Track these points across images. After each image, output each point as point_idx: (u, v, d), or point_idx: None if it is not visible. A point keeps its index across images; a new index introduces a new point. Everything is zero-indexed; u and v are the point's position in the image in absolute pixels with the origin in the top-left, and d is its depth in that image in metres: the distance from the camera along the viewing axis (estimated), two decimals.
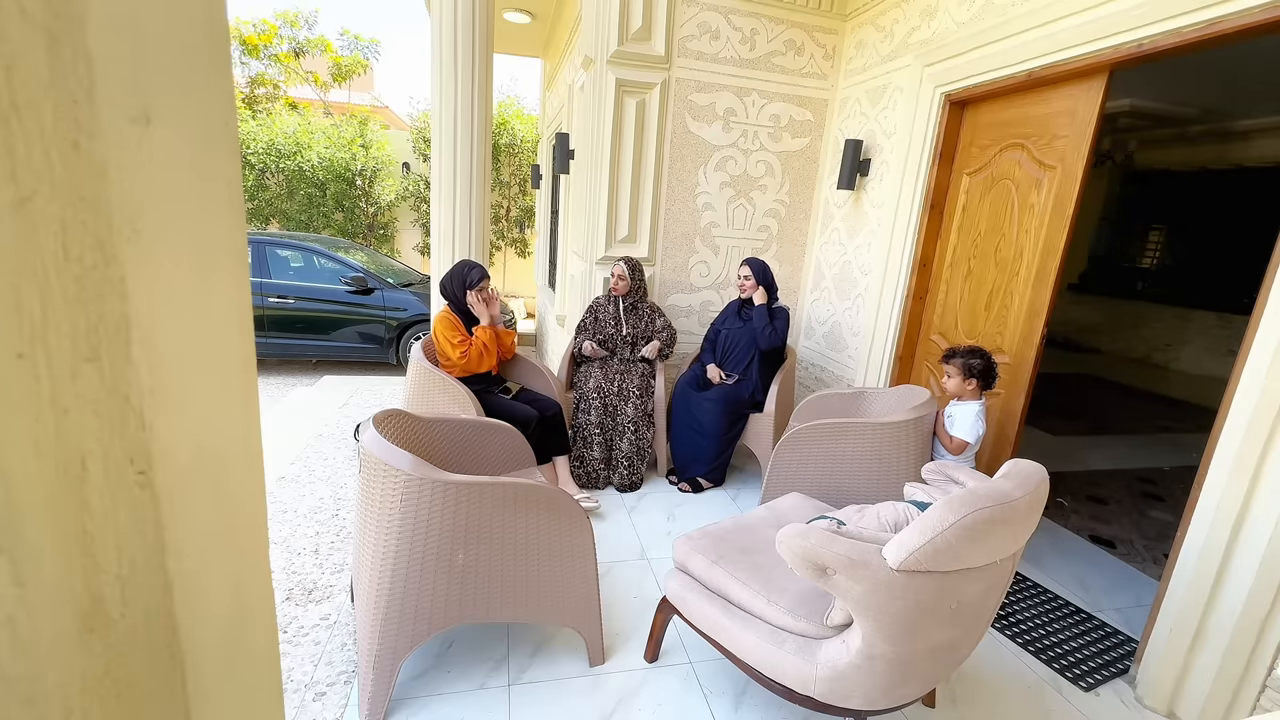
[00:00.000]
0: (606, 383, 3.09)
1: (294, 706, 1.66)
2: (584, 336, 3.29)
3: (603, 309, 3.31)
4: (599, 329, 3.30)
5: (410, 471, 1.48)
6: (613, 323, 3.28)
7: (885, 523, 1.59)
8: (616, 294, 3.26)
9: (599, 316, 3.31)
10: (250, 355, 0.40)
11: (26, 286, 0.27)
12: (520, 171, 9.42)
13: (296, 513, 2.70)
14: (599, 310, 3.32)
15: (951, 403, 2.31)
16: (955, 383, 2.25)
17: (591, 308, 3.35)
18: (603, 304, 3.33)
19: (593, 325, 3.31)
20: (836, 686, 1.37)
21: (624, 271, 3.20)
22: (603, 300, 3.34)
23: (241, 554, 0.42)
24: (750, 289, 3.13)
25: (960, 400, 2.28)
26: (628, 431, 3.07)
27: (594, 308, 3.34)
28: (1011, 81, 2.44)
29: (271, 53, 10.11)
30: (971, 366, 2.22)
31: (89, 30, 0.28)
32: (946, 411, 2.33)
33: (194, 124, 0.34)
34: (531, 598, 1.70)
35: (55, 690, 0.31)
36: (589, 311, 3.35)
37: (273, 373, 5.42)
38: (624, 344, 3.27)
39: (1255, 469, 1.63)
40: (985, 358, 2.23)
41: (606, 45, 3.18)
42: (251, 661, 0.44)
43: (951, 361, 2.27)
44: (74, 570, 0.31)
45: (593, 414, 3.04)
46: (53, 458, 0.29)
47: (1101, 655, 2.09)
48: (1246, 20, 1.68)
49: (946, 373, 2.29)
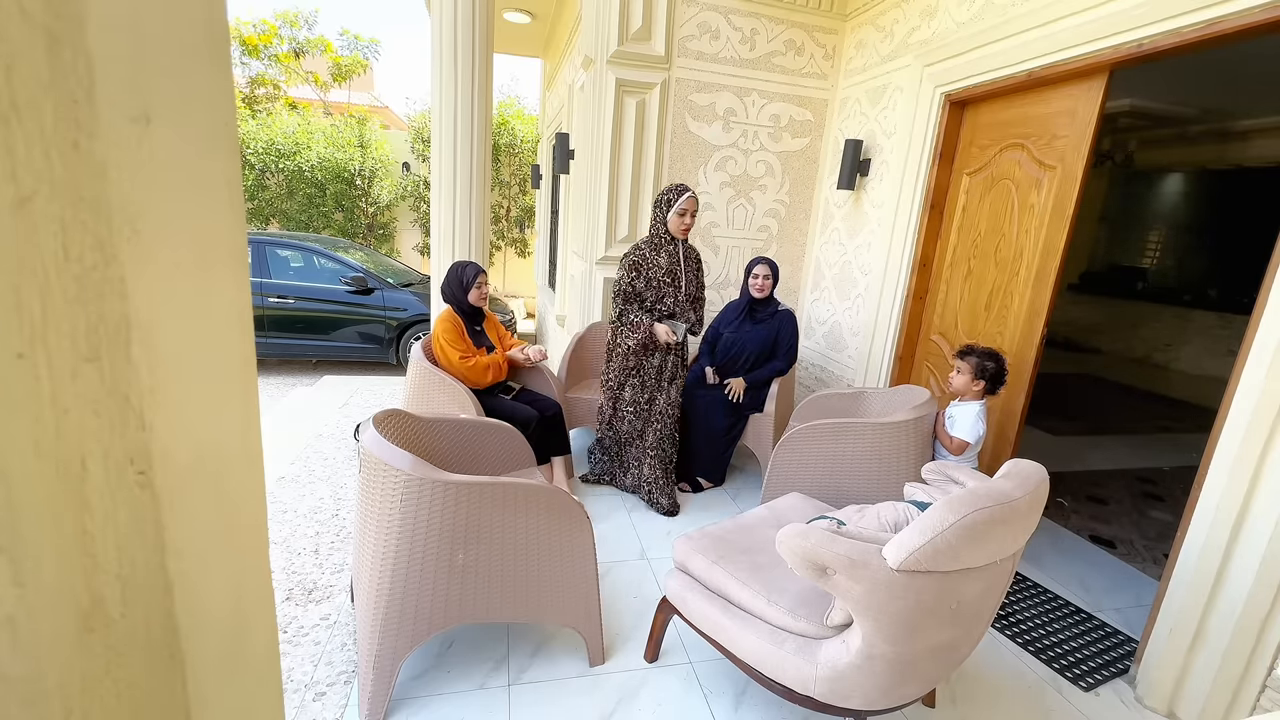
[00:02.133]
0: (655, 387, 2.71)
1: (294, 706, 1.66)
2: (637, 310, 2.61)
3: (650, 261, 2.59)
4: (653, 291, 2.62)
5: (410, 471, 1.48)
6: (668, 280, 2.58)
7: (885, 523, 1.59)
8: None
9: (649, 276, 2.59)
10: (250, 355, 0.40)
11: (26, 286, 0.27)
12: (520, 171, 9.42)
13: (296, 513, 2.70)
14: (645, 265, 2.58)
15: (953, 403, 2.30)
16: (963, 380, 2.22)
17: (635, 263, 2.60)
18: (648, 256, 2.62)
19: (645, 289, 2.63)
20: (836, 686, 1.37)
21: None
22: (647, 250, 2.63)
23: (241, 554, 0.42)
24: (768, 288, 3.09)
25: (962, 400, 2.27)
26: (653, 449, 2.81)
27: (638, 263, 2.60)
28: (1011, 81, 2.44)
29: (271, 53, 10.10)
30: (985, 368, 2.19)
31: (89, 30, 0.28)
32: (947, 412, 2.31)
33: (194, 124, 0.34)
34: (531, 598, 1.70)
35: (55, 690, 0.31)
36: (632, 269, 2.61)
37: (273, 373, 5.42)
38: (685, 309, 2.73)
39: (1255, 469, 1.63)
40: (1000, 362, 2.20)
41: (606, 45, 3.18)
42: (251, 661, 0.44)
43: (966, 358, 2.23)
44: (74, 570, 0.31)
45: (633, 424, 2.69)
46: (53, 458, 0.29)
47: (1101, 655, 2.09)
48: (1246, 20, 1.68)
49: (956, 368, 2.25)
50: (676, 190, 2.62)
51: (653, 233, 2.68)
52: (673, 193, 2.62)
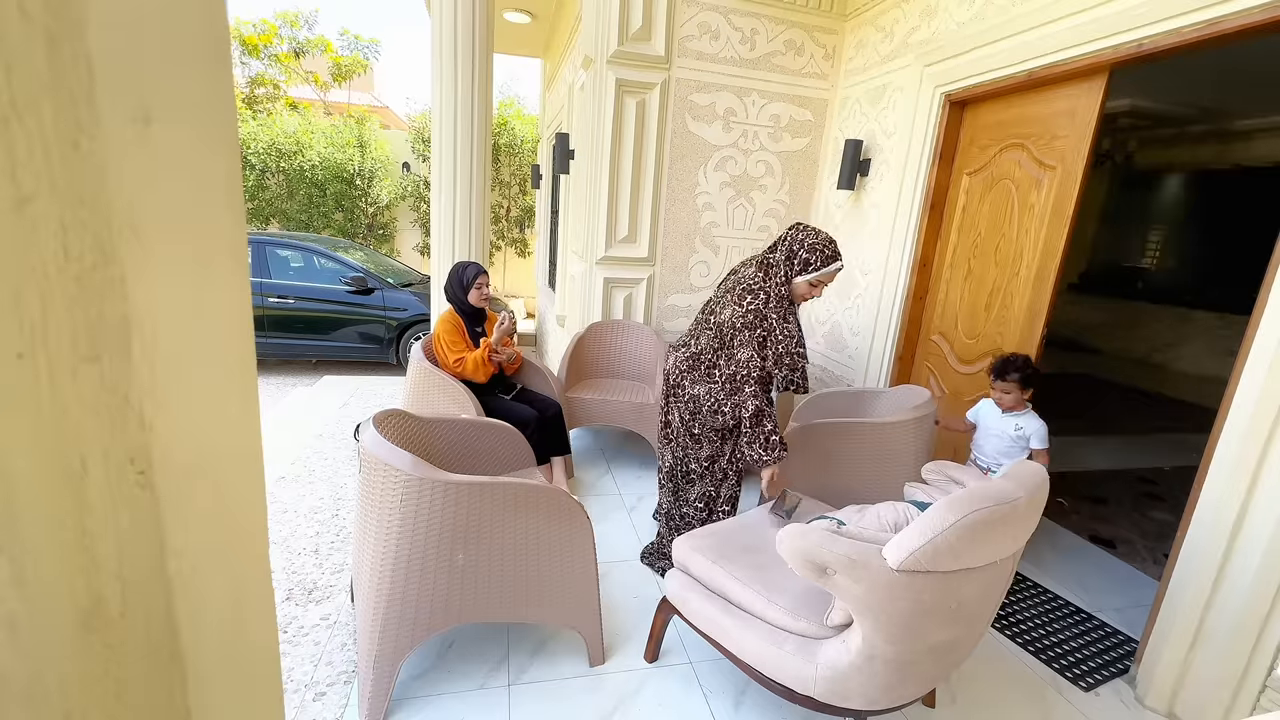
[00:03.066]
0: None
1: (294, 706, 1.66)
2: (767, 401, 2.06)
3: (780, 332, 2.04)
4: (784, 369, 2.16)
5: (410, 471, 1.48)
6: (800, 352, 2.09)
7: (885, 523, 1.59)
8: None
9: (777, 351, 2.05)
10: (250, 355, 0.40)
11: (26, 286, 0.27)
12: (520, 171, 9.42)
13: (296, 513, 2.70)
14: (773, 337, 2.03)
15: (1006, 417, 2.26)
16: (1014, 397, 2.20)
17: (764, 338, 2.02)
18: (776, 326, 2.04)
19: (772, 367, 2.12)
20: (836, 686, 1.37)
21: None
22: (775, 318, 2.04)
23: (241, 554, 0.42)
24: None
25: (1016, 411, 2.24)
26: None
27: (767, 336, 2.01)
28: (1011, 81, 2.44)
29: (271, 53, 10.10)
30: (1029, 377, 2.18)
31: (89, 30, 0.28)
32: (1014, 426, 2.24)
33: (194, 124, 0.34)
34: (531, 598, 1.70)
35: (55, 690, 0.31)
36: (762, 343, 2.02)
37: (273, 373, 5.42)
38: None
39: (1255, 469, 1.62)
40: (1026, 361, 2.20)
41: (606, 45, 3.18)
42: (251, 661, 0.44)
43: (1008, 378, 2.19)
44: (74, 570, 0.31)
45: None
46: (53, 458, 0.29)
47: (1101, 655, 2.09)
48: (1246, 20, 1.68)
49: (1001, 389, 2.21)
50: (831, 253, 2.03)
51: (774, 292, 2.01)
52: (826, 255, 2.02)
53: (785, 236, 2.09)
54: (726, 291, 2.13)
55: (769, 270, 2.06)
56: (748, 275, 2.09)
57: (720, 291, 2.18)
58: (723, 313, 2.08)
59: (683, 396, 2.18)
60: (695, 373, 2.14)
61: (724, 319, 2.06)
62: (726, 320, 2.05)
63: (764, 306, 2.01)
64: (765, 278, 2.05)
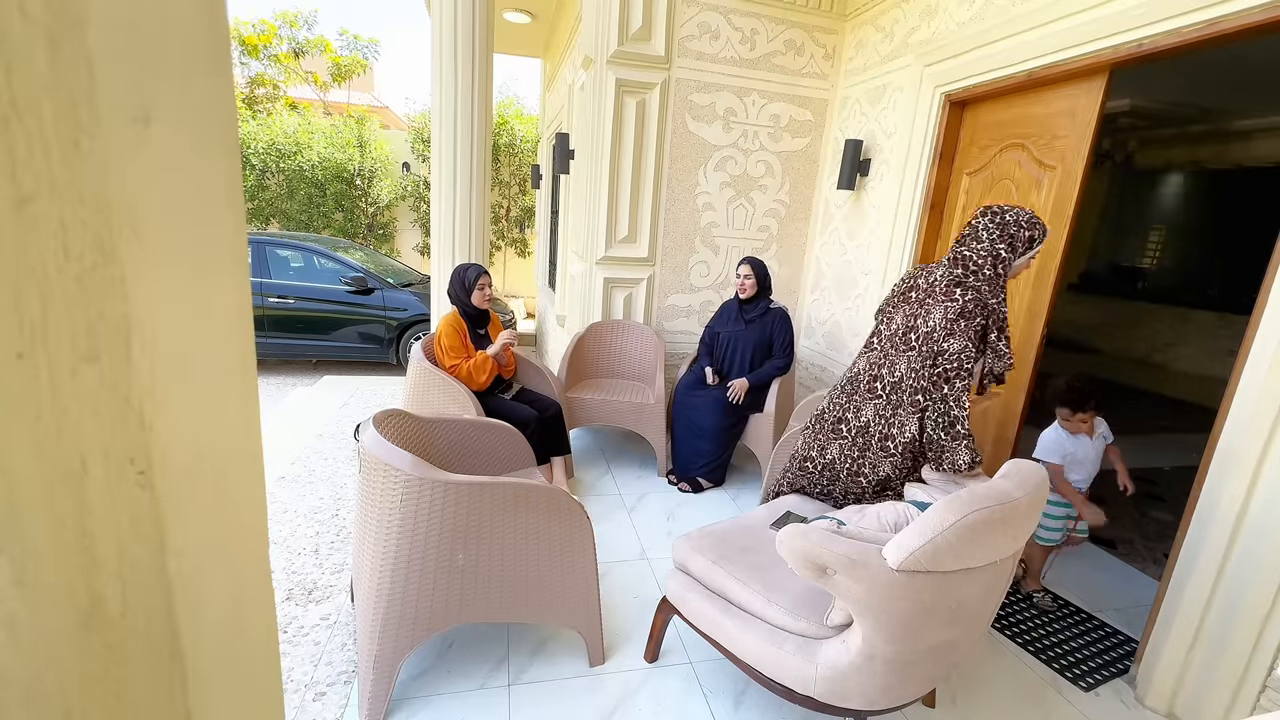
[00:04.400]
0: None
1: (294, 706, 1.66)
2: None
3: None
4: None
5: (410, 471, 1.48)
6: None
7: (885, 523, 1.59)
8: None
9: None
10: (250, 355, 0.40)
11: (26, 286, 0.27)
12: (520, 171, 9.42)
13: (296, 513, 2.70)
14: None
15: (1095, 439, 2.29)
16: (1091, 419, 2.24)
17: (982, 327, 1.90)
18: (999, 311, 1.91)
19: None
20: (836, 686, 1.37)
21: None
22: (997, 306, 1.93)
23: (241, 554, 0.42)
24: (750, 288, 3.12)
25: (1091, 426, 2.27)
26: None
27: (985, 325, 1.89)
28: (1011, 81, 2.44)
29: (271, 53, 10.10)
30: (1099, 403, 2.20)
31: (89, 30, 0.28)
32: (1100, 437, 2.29)
33: (194, 124, 0.34)
34: (531, 598, 1.70)
35: (55, 690, 0.31)
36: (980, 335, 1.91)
37: (273, 373, 5.42)
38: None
39: (1255, 469, 1.62)
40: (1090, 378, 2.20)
41: (606, 45, 3.18)
42: (251, 661, 0.44)
43: (1088, 409, 2.22)
44: (74, 570, 0.31)
45: None
46: (53, 458, 0.29)
47: (1101, 655, 2.09)
48: (1246, 20, 1.68)
49: (1081, 419, 2.23)
50: (1043, 225, 1.88)
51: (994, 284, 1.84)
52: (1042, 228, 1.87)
53: (989, 223, 1.86)
54: (914, 303, 1.91)
55: (975, 260, 1.85)
56: (945, 274, 1.88)
57: (897, 304, 1.98)
58: (930, 318, 1.83)
59: (848, 431, 1.98)
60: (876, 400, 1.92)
61: (935, 322, 1.82)
62: (936, 322, 1.82)
63: (983, 294, 1.82)
64: (974, 266, 1.84)
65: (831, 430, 2.02)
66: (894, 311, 1.97)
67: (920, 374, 1.83)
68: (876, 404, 1.91)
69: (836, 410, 2.03)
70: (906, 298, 1.95)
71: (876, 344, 1.98)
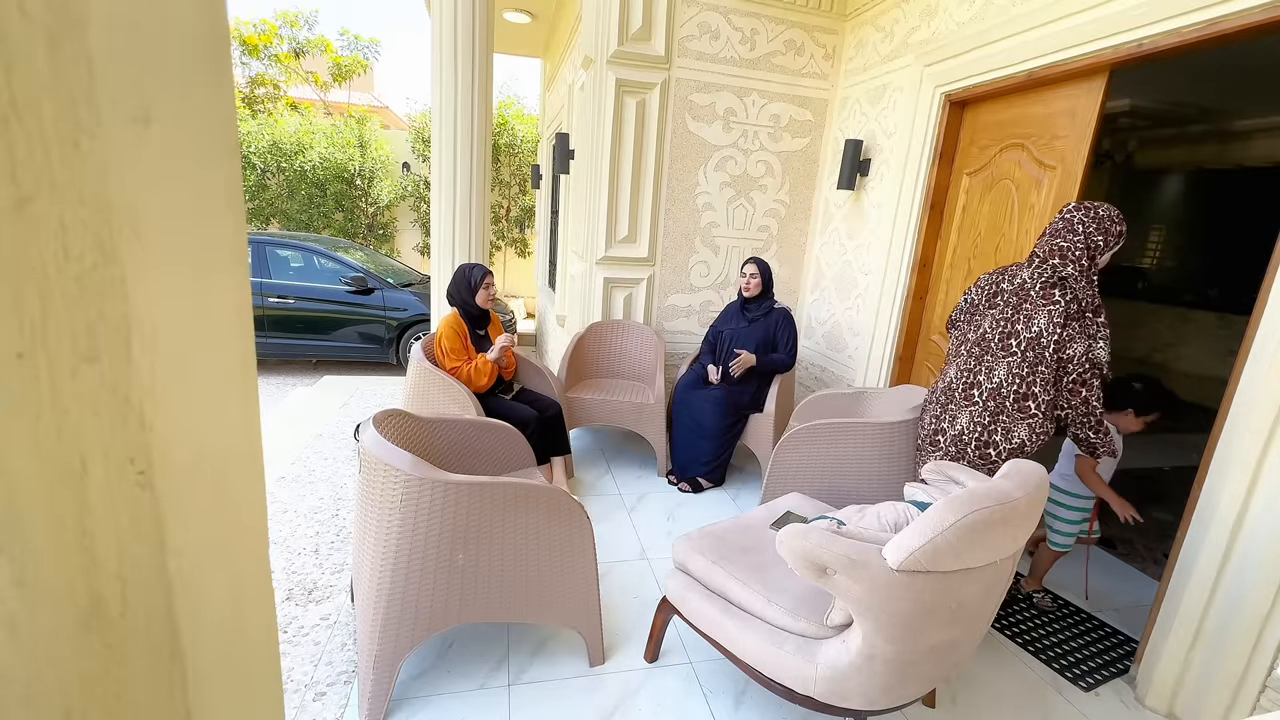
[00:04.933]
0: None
1: (294, 706, 1.66)
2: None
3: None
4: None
5: (410, 471, 1.48)
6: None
7: (885, 523, 1.59)
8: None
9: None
10: (250, 355, 0.40)
11: (26, 286, 0.27)
12: (520, 171, 9.42)
13: (296, 513, 2.70)
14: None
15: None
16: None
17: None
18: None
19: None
20: (836, 686, 1.37)
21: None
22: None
23: (241, 554, 0.42)
24: (756, 287, 3.13)
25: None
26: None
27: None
28: (1011, 81, 2.44)
29: (271, 53, 10.10)
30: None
31: (89, 30, 0.28)
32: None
33: (194, 124, 0.34)
34: (531, 598, 1.70)
35: (55, 690, 0.31)
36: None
37: (273, 373, 5.42)
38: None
39: (1255, 469, 1.62)
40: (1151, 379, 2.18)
41: (606, 45, 3.18)
42: (251, 661, 0.44)
43: (1155, 411, 2.19)
44: (74, 570, 0.31)
45: None
46: (53, 458, 0.29)
47: (1101, 655, 2.09)
48: (1246, 20, 1.68)
49: (1146, 420, 2.21)
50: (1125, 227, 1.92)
51: (1090, 280, 1.87)
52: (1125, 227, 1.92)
53: (1084, 218, 1.86)
54: (1006, 307, 1.90)
55: (1071, 253, 1.85)
56: (1035, 274, 1.87)
57: (982, 310, 1.96)
58: (1034, 323, 1.83)
59: (944, 441, 1.98)
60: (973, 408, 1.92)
61: (1040, 326, 1.82)
62: (1043, 326, 1.81)
63: (1079, 293, 1.83)
64: (1070, 260, 1.84)
65: (930, 443, 2.03)
66: (979, 318, 1.97)
67: (1027, 379, 1.83)
68: (973, 410, 1.92)
69: (931, 422, 2.04)
70: (993, 303, 1.96)
71: (964, 351, 1.98)
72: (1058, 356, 1.81)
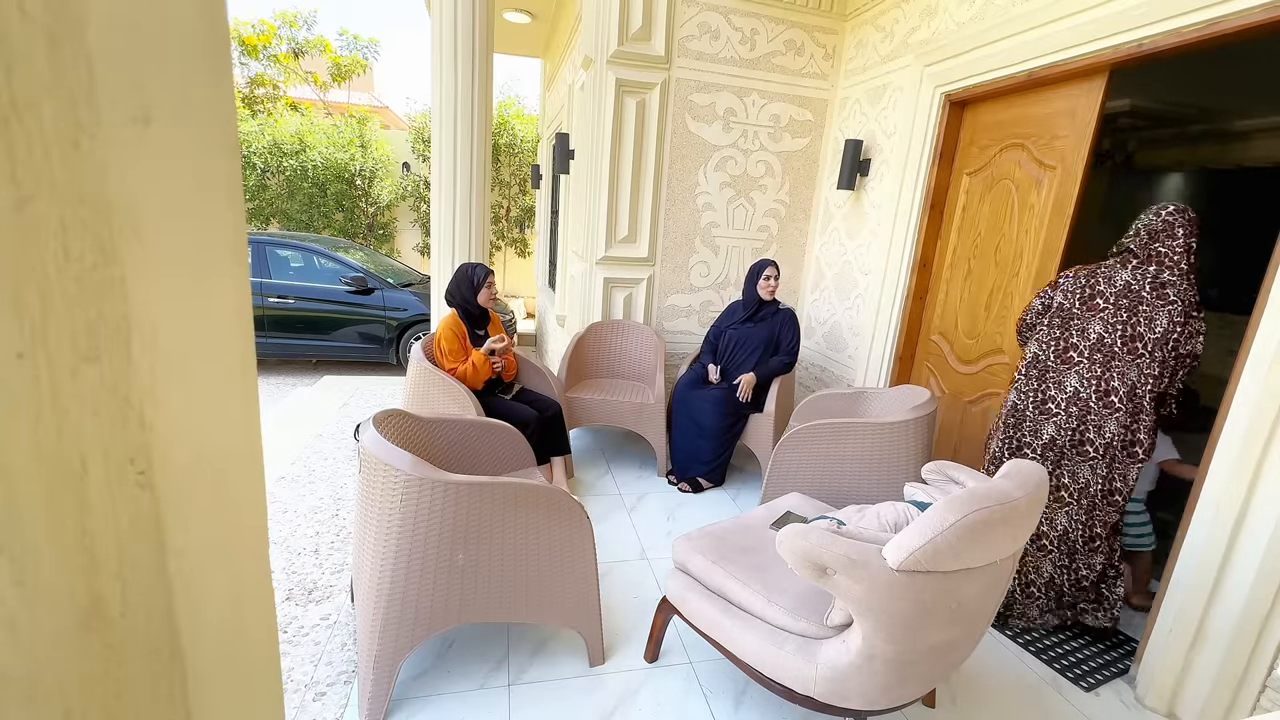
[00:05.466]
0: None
1: (294, 706, 1.66)
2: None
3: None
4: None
5: (410, 471, 1.48)
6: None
7: (885, 523, 1.59)
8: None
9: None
10: (250, 355, 0.40)
11: (26, 286, 0.27)
12: (520, 171, 9.42)
13: (296, 513, 2.70)
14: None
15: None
16: None
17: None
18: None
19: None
20: (836, 686, 1.37)
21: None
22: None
23: (241, 554, 0.42)
24: (775, 289, 3.14)
25: None
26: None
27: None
28: (1011, 82, 2.44)
29: (271, 53, 10.10)
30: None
31: (89, 30, 0.28)
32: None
33: (194, 124, 0.34)
34: (531, 598, 1.70)
35: (55, 690, 0.31)
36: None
37: (273, 373, 5.42)
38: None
39: (1255, 469, 1.62)
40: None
41: (606, 45, 3.18)
42: (251, 661, 0.44)
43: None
44: (74, 570, 0.31)
45: None
46: (53, 458, 0.29)
47: (1101, 655, 2.09)
48: (1246, 20, 1.68)
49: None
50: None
51: (1191, 280, 1.93)
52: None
53: (1184, 220, 1.91)
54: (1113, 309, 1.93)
55: (1172, 256, 1.90)
56: (1138, 275, 1.92)
57: (1082, 314, 1.98)
58: (1156, 324, 1.89)
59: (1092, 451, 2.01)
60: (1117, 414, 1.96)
61: (1163, 327, 1.88)
62: (1166, 327, 1.88)
63: (1183, 291, 1.89)
64: (1170, 262, 1.91)
65: (1076, 453, 2.04)
66: (1079, 322, 1.99)
67: (1159, 379, 1.92)
68: (1118, 416, 1.96)
69: (1067, 434, 2.03)
70: (1092, 305, 1.97)
71: (1085, 358, 1.98)
72: (1176, 353, 1.91)
